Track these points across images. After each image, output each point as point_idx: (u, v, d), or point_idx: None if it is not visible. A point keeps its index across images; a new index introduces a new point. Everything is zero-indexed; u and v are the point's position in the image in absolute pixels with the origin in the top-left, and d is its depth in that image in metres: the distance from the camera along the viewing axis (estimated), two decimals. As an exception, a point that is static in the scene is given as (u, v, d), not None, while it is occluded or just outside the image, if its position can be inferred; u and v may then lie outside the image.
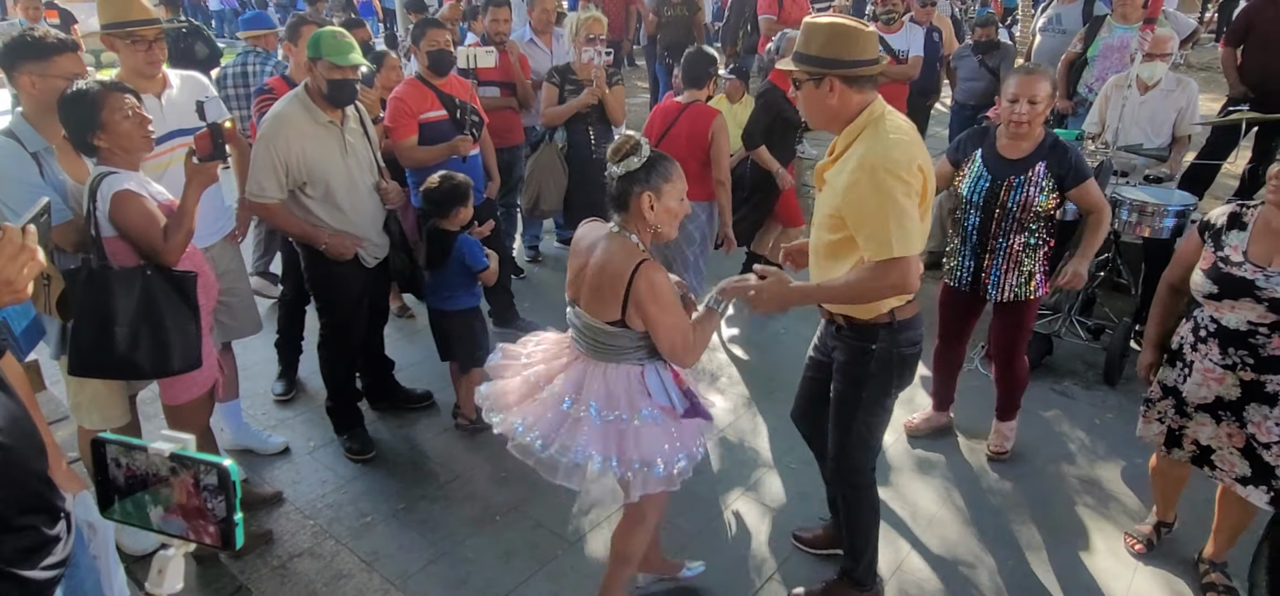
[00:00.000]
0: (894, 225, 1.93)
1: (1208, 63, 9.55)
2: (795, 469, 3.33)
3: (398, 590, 2.71)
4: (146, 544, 2.82)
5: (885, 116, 2.04)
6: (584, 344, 2.18)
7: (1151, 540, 2.83)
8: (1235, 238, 2.36)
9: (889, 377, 2.25)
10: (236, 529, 0.85)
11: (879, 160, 1.94)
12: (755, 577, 2.76)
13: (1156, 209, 3.87)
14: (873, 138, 2.00)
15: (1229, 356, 2.35)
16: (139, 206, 2.35)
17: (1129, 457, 3.40)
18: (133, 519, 0.92)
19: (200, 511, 0.85)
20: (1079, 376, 4.05)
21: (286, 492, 3.20)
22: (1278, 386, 2.31)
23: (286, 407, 3.82)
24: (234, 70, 4.61)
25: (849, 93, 2.03)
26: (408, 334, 4.59)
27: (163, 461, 0.86)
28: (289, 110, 2.94)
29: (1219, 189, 5.89)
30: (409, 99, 3.75)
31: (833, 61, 2.00)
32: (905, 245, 1.94)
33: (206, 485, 0.84)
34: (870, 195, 1.95)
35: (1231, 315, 2.32)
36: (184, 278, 2.45)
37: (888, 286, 2.00)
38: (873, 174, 1.94)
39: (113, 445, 0.90)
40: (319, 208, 3.03)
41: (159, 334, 2.40)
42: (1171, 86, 4.31)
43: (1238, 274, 2.30)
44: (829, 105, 2.05)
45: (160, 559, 0.87)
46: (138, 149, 2.41)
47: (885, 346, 2.20)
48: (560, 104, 4.36)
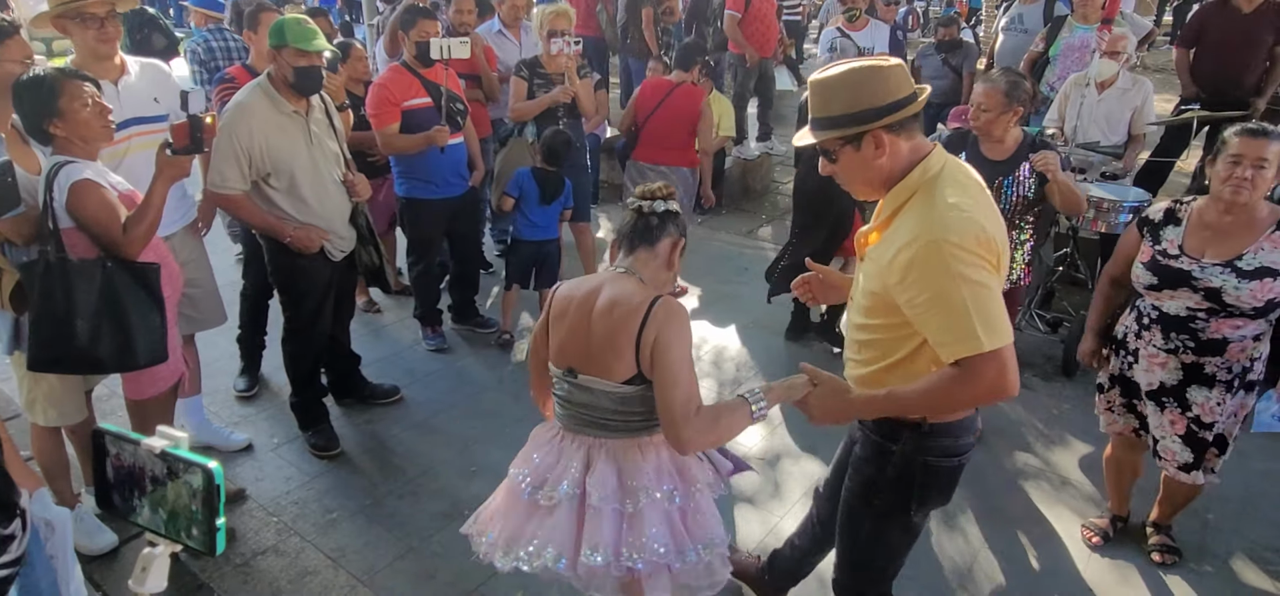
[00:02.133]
0: (975, 310, 1.51)
1: (1162, 64, 9.82)
2: (768, 462, 3.37)
3: (365, 586, 2.69)
4: (103, 543, 2.76)
5: (944, 173, 1.63)
6: (593, 426, 1.83)
7: (1108, 533, 2.92)
8: (1171, 232, 2.49)
9: (908, 492, 1.80)
10: (218, 533, 0.84)
11: (939, 233, 1.53)
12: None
13: (1112, 205, 3.98)
14: (927, 204, 1.59)
15: (1171, 341, 2.47)
16: (99, 197, 2.29)
17: (1084, 446, 3.50)
18: (123, 511, 0.90)
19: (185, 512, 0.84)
20: (1038, 368, 4.15)
21: (249, 490, 3.15)
22: (1215, 368, 2.45)
23: (249, 404, 3.75)
24: (195, 48, 4.48)
25: (898, 143, 1.63)
26: (374, 329, 4.53)
27: (154, 457, 0.84)
28: (251, 99, 2.88)
29: (1172, 187, 6.06)
30: (392, 86, 3.74)
31: (867, 114, 1.61)
32: (995, 334, 1.51)
33: (191, 487, 0.83)
34: (937, 278, 1.53)
35: (1172, 303, 2.45)
36: (147, 269, 2.40)
37: (982, 392, 1.57)
38: (934, 250, 1.53)
39: (110, 435, 0.89)
40: (283, 200, 2.98)
41: (122, 327, 2.35)
42: (1127, 86, 4.44)
43: (1175, 265, 2.42)
44: (878, 167, 1.65)
45: (146, 556, 0.85)
46: (97, 139, 2.35)
47: (909, 452, 1.77)
48: (529, 98, 4.33)
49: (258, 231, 3.15)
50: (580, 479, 1.81)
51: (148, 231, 2.35)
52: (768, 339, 4.46)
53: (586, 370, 1.79)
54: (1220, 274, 2.34)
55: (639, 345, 1.72)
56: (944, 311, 1.54)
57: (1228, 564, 2.82)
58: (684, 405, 1.70)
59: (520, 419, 3.62)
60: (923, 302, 1.57)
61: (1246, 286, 2.30)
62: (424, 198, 3.95)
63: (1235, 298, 2.32)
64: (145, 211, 2.33)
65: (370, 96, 3.77)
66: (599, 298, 1.79)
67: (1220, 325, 2.39)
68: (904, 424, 1.75)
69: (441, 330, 4.36)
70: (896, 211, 1.67)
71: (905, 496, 1.82)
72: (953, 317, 1.53)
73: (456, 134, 3.88)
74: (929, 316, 1.57)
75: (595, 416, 1.82)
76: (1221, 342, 2.41)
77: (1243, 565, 2.82)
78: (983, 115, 3.08)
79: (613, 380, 1.76)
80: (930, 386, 1.62)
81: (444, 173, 3.89)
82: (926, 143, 1.69)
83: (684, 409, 1.70)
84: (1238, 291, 2.31)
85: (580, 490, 1.81)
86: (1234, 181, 2.30)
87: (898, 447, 1.77)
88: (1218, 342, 2.41)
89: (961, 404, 1.68)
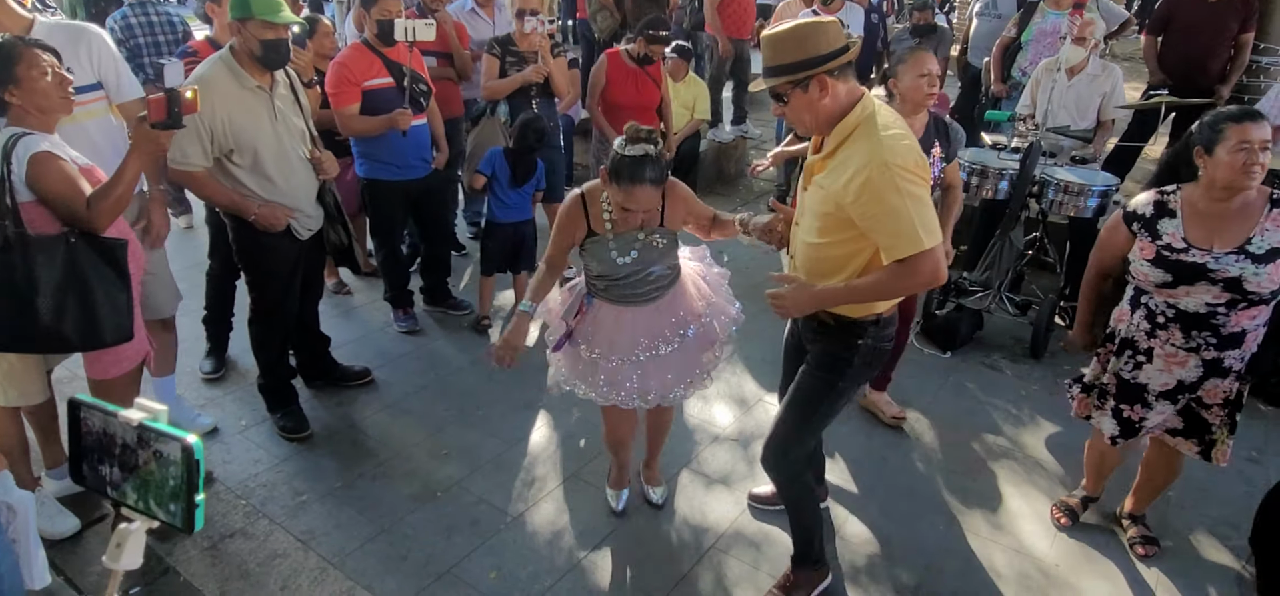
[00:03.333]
0: (919, 220, 1.91)
1: (1131, 53, 9.95)
2: (741, 442, 3.38)
3: (335, 568, 2.66)
4: (65, 528, 2.70)
5: (877, 112, 2.01)
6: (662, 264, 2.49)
7: (1077, 512, 2.93)
8: (1169, 225, 2.41)
9: (868, 372, 2.31)
10: (197, 510, 0.81)
11: (889, 158, 1.90)
12: (702, 543, 2.80)
13: (1081, 189, 4.03)
14: (870, 135, 1.96)
15: (1192, 339, 2.40)
16: (59, 170, 2.22)
17: (1051, 427, 3.56)
18: (91, 483, 0.87)
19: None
20: (1007, 350, 4.21)
21: (216, 472, 3.09)
22: (1232, 361, 2.41)
23: (216, 386, 3.68)
24: (113, 25, 4.31)
25: (837, 86, 1.99)
26: (345, 310, 4.47)
27: (130, 430, 0.81)
28: (213, 73, 2.80)
29: (1139, 173, 6.17)
30: (352, 65, 3.64)
31: (813, 61, 1.96)
32: (933, 235, 1.94)
33: (167, 458, 0.79)
34: (887, 194, 1.91)
35: (1188, 299, 2.38)
36: (114, 245, 2.34)
37: (921, 280, 1.99)
38: (886, 172, 1.89)
39: (86, 406, 0.85)
40: (247, 177, 2.91)
41: (87, 304, 2.29)
42: (1097, 72, 4.49)
43: (1187, 259, 2.35)
44: (823, 107, 2.00)
45: (121, 532, 0.82)
46: (55, 109, 2.27)
47: (870, 342, 2.22)
48: (501, 77, 4.28)
49: (222, 210, 3.07)
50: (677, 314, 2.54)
51: (115, 206, 2.28)
52: (746, 319, 4.45)
53: None
54: (1236, 262, 2.28)
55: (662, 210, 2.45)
56: (894, 220, 1.92)
57: (1188, 539, 2.89)
58: None
59: (493, 401, 3.60)
60: (875, 214, 1.94)
61: (1265, 270, 2.26)
62: (385, 179, 3.86)
63: (1256, 284, 2.27)
64: (114, 186, 2.26)
65: (330, 75, 3.65)
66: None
67: (1240, 317, 2.33)
68: (867, 322, 2.19)
69: (413, 312, 4.31)
70: (841, 143, 2.01)
71: (865, 375, 2.33)
72: (901, 225, 1.92)
73: (419, 115, 3.80)
74: (881, 225, 1.95)
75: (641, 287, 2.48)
76: (1241, 335, 2.36)
77: (1202, 540, 2.89)
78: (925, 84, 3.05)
79: None
80: (880, 278, 2.02)
81: (406, 154, 3.80)
82: (859, 87, 2.04)
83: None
84: (1258, 277, 2.26)
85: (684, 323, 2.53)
86: (1248, 167, 2.24)
87: (862, 342, 2.21)
88: (1238, 335, 2.36)
89: (903, 291, 2.10)
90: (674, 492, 3.07)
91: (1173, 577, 2.71)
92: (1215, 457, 2.55)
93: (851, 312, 2.18)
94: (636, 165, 2.24)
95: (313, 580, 2.61)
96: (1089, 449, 2.92)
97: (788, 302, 2.15)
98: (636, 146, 2.25)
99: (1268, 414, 3.65)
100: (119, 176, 2.26)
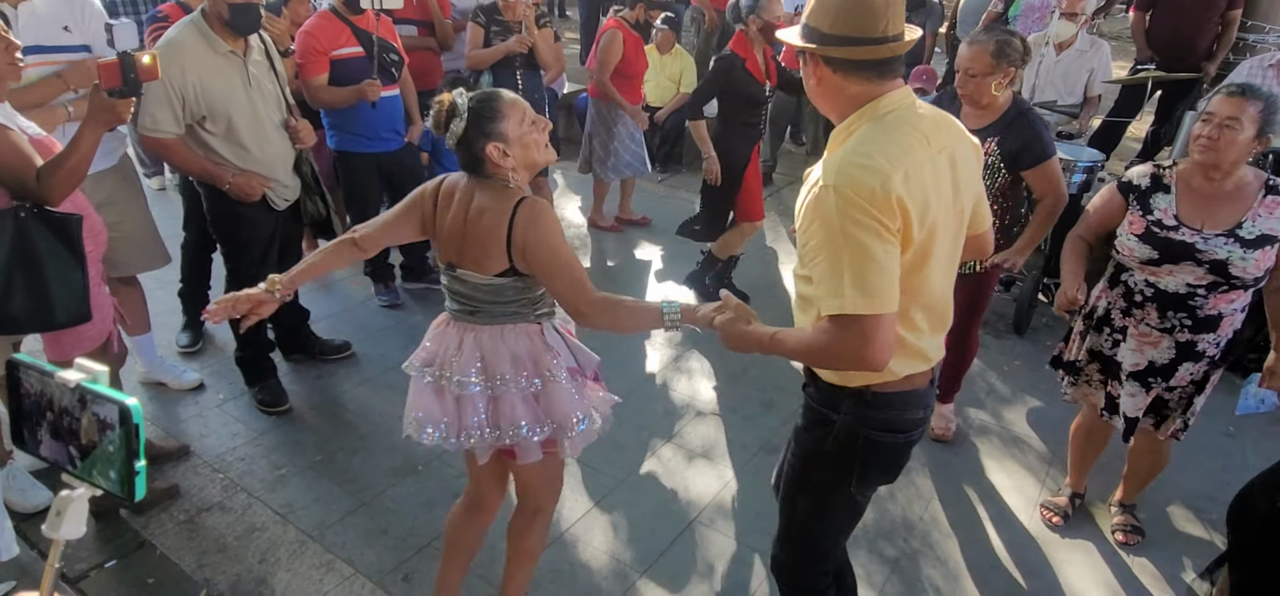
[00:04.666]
0: (849, 270, 1.39)
1: (1119, 32, 9.96)
2: (723, 417, 3.38)
3: (315, 542, 2.63)
4: (37, 501, 2.66)
5: (886, 116, 1.49)
6: (467, 313, 1.92)
7: (1067, 512, 2.88)
8: (1162, 200, 2.38)
9: (849, 466, 1.69)
10: (138, 478, 0.76)
11: (840, 182, 1.40)
12: (679, 521, 2.79)
13: (1067, 164, 4.02)
14: (851, 143, 1.48)
15: (1168, 319, 2.38)
16: (6, 139, 2.09)
17: (1035, 402, 3.58)
18: (30, 448, 0.83)
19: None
20: (990, 326, 4.22)
21: (194, 446, 3.06)
22: (1206, 345, 2.39)
23: (193, 359, 3.63)
24: None
25: (834, 80, 1.51)
26: (325, 284, 4.41)
27: (67, 391, 0.77)
28: (184, 37, 2.72)
29: (1124, 150, 6.19)
30: (320, 34, 3.53)
31: (814, 33, 1.49)
32: (864, 299, 1.38)
33: (106, 422, 0.75)
34: (821, 226, 1.43)
35: (1170, 279, 2.34)
36: (67, 220, 2.21)
37: (839, 353, 1.45)
38: (823, 196, 1.42)
39: (24, 366, 0.81)
40: (221, 145, 2.84)
41: (37, 283, 2.17)
42: (1085, 47, 4.48)
43: (1176, 238, 2.32)
44: (818, 93, 1.56)
45: (61, 500, 0.77)
46: (1, 77, 2.15)
47: (850, 423, 1.64)
48: (486, 46, 4.21)
49: (195, 179, 3.01)
50: (450, 366, 1.94)
51: (68, 178, 2.15)
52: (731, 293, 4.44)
53: (462, 264, 1.89)
54: (1225, 245, 2.25)
55: (510, 247, 1.81)
56: (824, 261, 1.43)
57: (1164, 512, 2.92)
58: (572, 289, 1.82)
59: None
60: (810, 247, 1.48)
61: (1252, 256, 2.24)
62: (355, 151, 3.77)
63: (1242, 269, 2.23)
64: (67, 157, 2.13)
65: (297, 44, 3.53)
66: (471, 201, 1.87)
67: (1218, 300, 2.31)
68: (845, 392, 1.63)
69: (394, 286, 4.26)
70: (836, 147, 1.54)
71: (846, 472, 1.70)
72: (830, 269, 1.42)
73: (391, 86, 3.70)
74: (814, 262, 1.46)
75: (470, 304, 1.92)
76: (1217, 318, 2.34)
77: (1177, 514, 2.92)
78: (970, 81, 2.72)
79: (485, 274, 1.86)
80: (805, 336, 1.51)
81: (377, 126, 3.71)
82: (882, 90, 1.51)
83: (572, 292, 1.82)
84: (1244, 262, 2.23)
85: (449, 376, 1.94)
86: (1202, 140, 2.24)
87: (838, 418, 1.65)
88: (1214, 319, 2.34)
89: (829, 361, 1.55)
90: (657, 466, 3.06)
91: (1148, 550, 2.74)
92: (1161, 431, 2.55)
93: (828, 374, 1.65)
94: (490, 95, 1.84)
95: (292, 553, 2.58)
96: (1073, 433, 2.86)
97: (725, 335, 1.67)
98: (472, 94, 1.85)
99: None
100: (73, 147, 2.13)
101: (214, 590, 2.44)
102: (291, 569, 2.52)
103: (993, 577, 2.60)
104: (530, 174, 1.90)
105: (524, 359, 1.92)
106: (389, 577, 2.50)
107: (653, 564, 2.60)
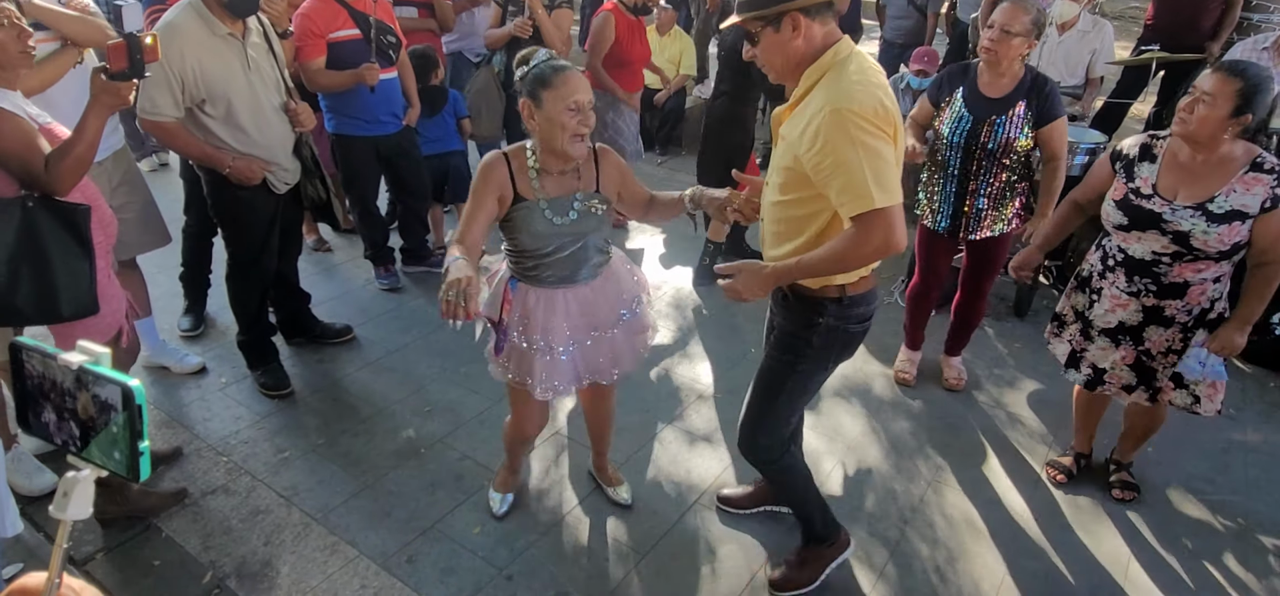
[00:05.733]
0: (870, 172, 1.68)
1: (1120, 11, 9.90)
2: (725, 399, 3.39)
3: (319, 524, 2.65)
4: (42, 484, 2.67)
5: (852, 57, 1.80)
6: (566, 274, 2.21)
7: (1072, 471, 2.96)
8: (1146, 170, 2.44)
9: (829, 355, 2.08)
10: (142, 458, 0.77)
11: (842, 102, 1.70)
12: (686, 498, 2.81)
13: (1070, 146, 4.00)
14: (834, 80, 1.76)
15: (1134, 284, 2.48)
16: (14, 126, 2.07)
17: (1034, 384, 3.59)
18: (36, 430, 0.83)
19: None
20: (991, 308, 4.21)
21: (197, 429, 3.07)
22: (1174, 311, 2.46)
23: (195, 343, 3.64)
24: None
25: (812, 27, 1.79)
26: (326, 268, 4.42)
27: (68, 373, 0.77)
28: (182, 19, 2.70)
29: (1126, 131, 6.15)
30: (317, 17, 3.51)
31: None
32: (886, 193, 1.70)
33: (108, 404, 0.76)
34: (838, 143, 1.70)
35: (1138, 246, 2.44)
36: (75, 211, 2.18)
37: (873, 248, 1.75)
38: (837, 117, 1.70)
39: (26, 349, 0.81)
40: (220, 128, 2.82)
41: (43, 275, 2.14)
42: (1088, 28, 4.46)
43: (1146, 206, 2.39)
44: (794, 48, 1.80)
45: (67, 481, 0.78)
46: (13, 64, 2.12)
47: (832, 321, 2.00)
48: (501, 26, 4.23)
49: (196, 163, 3.00)
50: (577, 328, 2.26)
51: (75, 166, 2.12)
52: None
53: None
54: (1191, 217, 2.30)
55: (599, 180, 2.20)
56: (844, 173, 1.71)
57: (1164, 493, 2.94)
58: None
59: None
60: (827, 166, 1.74)
61: (1215, 230, 2.27)
62: (353, 134, 3.76)
63: (1203, 241, 2.29)
64: (74, 144, 2.10)
65: (295, 27, 3.50)
66: None
67: (1183, 269, 2.38)
68: (826, 297, 1.97)
69: (394, 269, 4.26)
70: (809, 89, 1.82)
71: (826, 358, 2.09)
72: (851, 178, 1.70)
73: (389, 69, 3.67)
74: (832, 178, 1.74)
75: (571, 263, 2.19)
76: (1182, 286, 2.40)
77: (1178, 494, 2.94)
78: (1004, 39, 2.79)
79: None
80: (831, 247, 1.81)
81: (375, 109, 3.69)
82: (838, 31, 1.84)
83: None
84: (1206, 235, 2.28)
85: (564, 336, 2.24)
86: (1180, 114, 2.28)
87: (822, 320, 2.00)
88: (1179, 286, 2.41)
89: (859, 261, 1.83)
90: (659, 449, 3.07)
91: (1149, 530, 2.76)
92: (1157, 401, 2.63)
93: (810, 286, 1.99)
94: (557, 66, 2.00)
95: (296, 536, 2.60)
96: (1075, 400, 2.97)
97: (740, 287, 1.95)
98: (548, 58, 2.04)
99: (1247, 372, 3.69)
100: (79, 134, 2.10)
101: (219, 572, 2.46)
102: (296, 551, 2.54)
103: (992, 557, 2.62)
104: (547, 156, 2.08)
105: (623, 293, 2.32)
106: (393, 560, 2.51)
107: (655, 544, 2.61)
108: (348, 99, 3.66)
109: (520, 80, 2.01)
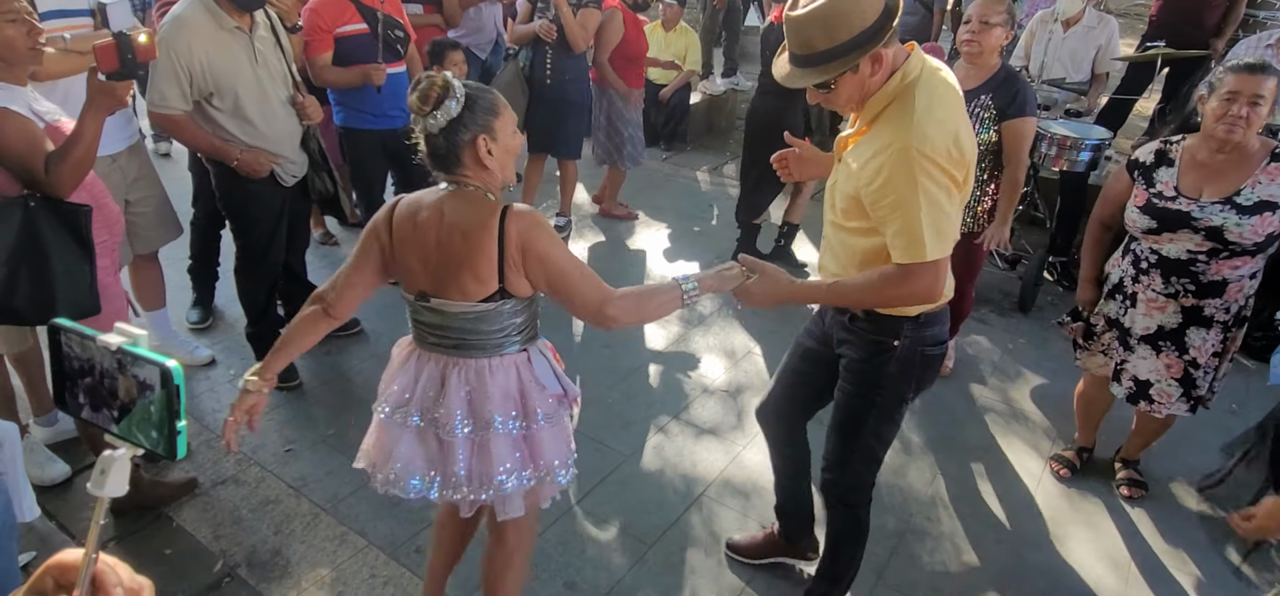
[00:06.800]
0: (927, 220, 1.61)
1: (1126, 8, 9.88)
2: (731, 394, 3.40)
3: (328, 514, 2.67)
4: (55, 474, 2.70)
5: (921, 78, 1.67)
6: (448, 345, 1.74)
7: (1075, 464, 2.97)
8: (1165, 174, 2.44)
9: (909, 382, 1.92)
10: (179, 437, 0.79)
11: (915, 142, 1.59)
12: (688, 496, 2.83)
13: (1074, 143, 4.02)
14: (905, 111, 1.64)
15: (1171, 285, 2.45)
16: (18, 127, 2.05)
17: (1038, 379, 3.60)
18: (73, 410, 0.86)
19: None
20: (995, 304, 4.23)
21: (207, 420, 3.09)
22: (1214, 310, 2.44)
23: (203, 335, 3.66)
24: None
25: (886, 54, 1.67)
26: (332, 261, 4.43)
27: (108, 354, 0.80)
28: (190, 13, 2.71)
29: (1131, 129, 6.16)
30: (324, 11, 3.50)
31: (865, 36, 1.61)
32: (940, 247, 1.65)
33: (145, 383, 0.78)
34: (901, 183, 1.61)
35: (1171, 246, 2.42)
36: (77, 212, 2.17)
37: (912, 294, 1.71)
38: (906, 158, 1.60)
39: (65, 330, 0.84)
40: (228, 121, 2.84)
41: (43, 276, 2.12)
42: (1093, 23, 4.45)
43: (1173, 207, 2.38)
44: (873, 83, 1.68)
45: (105, 459, 0.80)
46: (21, 61, 2.11)
47: (909, 344, 1.86)
48: (530, 21, 4.28)
49: (204, 155, 3.02)
50: (433, 406, 1.76)
51: (75, 168, 2.09)
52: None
53: (440, 293, 1.69)
54: (1220, 212, 2.30)
55: (503, 264, 1.63)
56: (902, 215, 1.64)
57: (1167, 487, 2.95)
58: (594, 292, 1.69)
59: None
60: (886, 205, 1.66)
61: (1248, 222, 2.27)
62: (360, 127, 3.74)
63: (1237, 234, 2.29)
64: (72, 147, 2.07)
65: (303, 22, 3.48)
66: (442, 220, 1.66)
67: (1220, 266, 2.36)
68: (904, 320, 1.84)
69: (402, 263, 4.27)
70: (876, 117, 1.71)
71: (906, 386, 1.93)
72: (908, 222, 1.63)
73: (397, 63, 3.66)
74: (889, 218, 1.67)
75: (449, 337, 1.73)
76: (1221, 284, 2.39)
77: (1181, 489, 2.95)
78: (983, 29, 2.83)
79: (470, 300, 1.67)
80: (871, 280, 1.75)
81: (382, 104, 3.66)
82: (902, 48, 1.72)
83: (597, 296, 1.68)
84: (1239, 228, 2.28)
85: (432, 417, 1.77)
86: (1229, 119, 2.26)
87: (898, 343, 1.86)
88: (1218, 284, 2.39)
89: (897, 301, 1.78)
90: (665, 442, 3.09)
91: (1151, 524, 2.77)
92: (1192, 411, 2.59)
93: (886, 308, 1.85)
94: (490, 88, 1.70)
95: (306, 525, 2.62)
96: (1078, 396, 2.97)
97: (754, 294, 1.85)
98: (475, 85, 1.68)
99: (1250, 368, 3.70)
100: (77, 136, 2.08)
101: (230, 561, 2.48)
102: (306, 540, 2.56)
103: (995, 551, 2.64)
104: (498, 192, 1.69)
105: (513, 395, 1.75)
106: (402, 549, 2.54)
107: (661, 536, 2.63)
108: (355, 93, 3.66)
109: (462, 114, 1.60)
